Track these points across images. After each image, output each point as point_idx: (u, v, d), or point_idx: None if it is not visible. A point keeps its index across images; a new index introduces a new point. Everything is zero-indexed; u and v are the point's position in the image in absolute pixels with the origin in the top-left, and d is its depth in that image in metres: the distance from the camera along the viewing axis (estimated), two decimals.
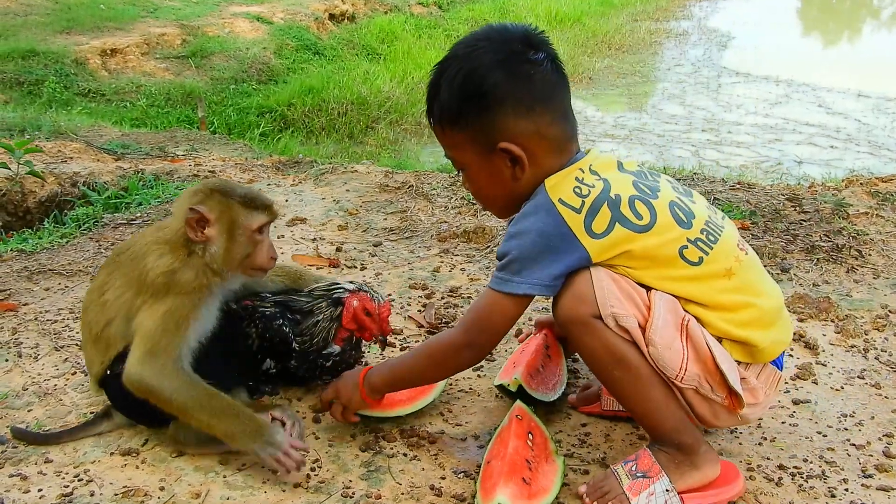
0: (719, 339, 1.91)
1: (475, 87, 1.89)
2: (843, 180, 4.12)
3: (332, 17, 13.94)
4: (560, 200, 1.87)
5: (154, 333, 2.03)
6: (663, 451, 1.94)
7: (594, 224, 1.85)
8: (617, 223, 1.86)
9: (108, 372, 2.15)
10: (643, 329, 1.85)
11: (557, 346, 2.50)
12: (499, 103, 1.89)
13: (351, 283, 2.40)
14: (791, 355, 2.62)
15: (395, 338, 2.74)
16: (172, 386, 2.01)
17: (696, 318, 1.90)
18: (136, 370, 2.02)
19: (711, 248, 1.92)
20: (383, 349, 2.52)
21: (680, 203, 1.97)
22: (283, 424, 2.21)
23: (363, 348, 2.53)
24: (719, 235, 1.96)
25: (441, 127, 1.99)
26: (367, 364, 2.52)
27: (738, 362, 1.93)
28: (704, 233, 1.94)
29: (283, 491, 2.03)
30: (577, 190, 1.88)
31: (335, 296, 2.36)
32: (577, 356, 2.60)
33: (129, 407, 2.18)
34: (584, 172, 1.92)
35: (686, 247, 1.90)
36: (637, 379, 1.88)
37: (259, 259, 2.16)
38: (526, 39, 1.92)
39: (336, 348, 2.35)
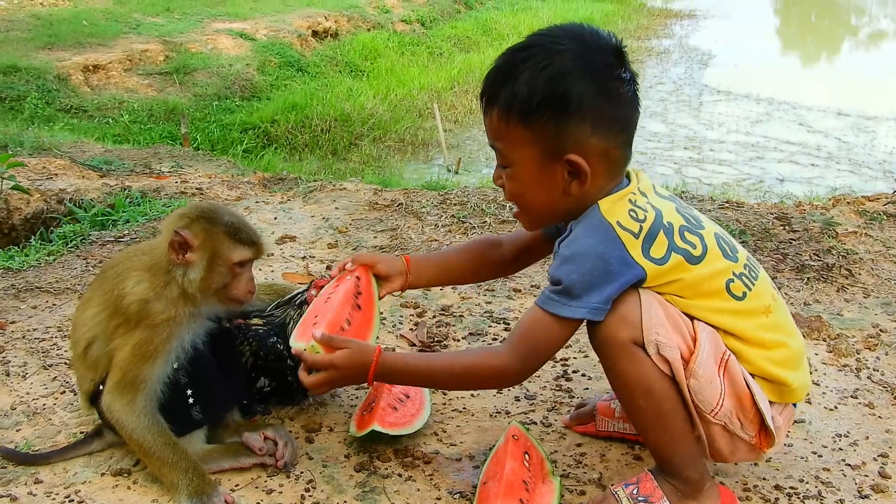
0: (753, 377, 1.88)
1: (562, 90, 1.78)
2: (830, 199, 4.14)
3: (315, 33, 13.98)
4: (618, 223, 1.81)
5: (125, 364, 2.04)
6: (668, 482, 1.92)
7: (652, 250, 1.81)
8: (673, 252, 1.82)
9: (101, 388, 2.13)
10: (686, 361, 1.81)
11: (371, 291, 2.24)
12: (580, 114, 1.79)
13: (307, 286, 2.39)
14: None
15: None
16: (133, 425, 2.04)
17: (735, 353, 1.87)
18: (107, 400, 2.07)
19: (754, 284, 1.91)
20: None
21: (723, 235, 1.95)
22: (276, 444, 2.20)
23: None
24: (759, 272, 1.96)
25: (505, 116, 1.84)
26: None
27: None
28: (747, 268, 1.92)
29: None
30: (632, 214, 1.83)
31: (298, 300, 2.35)
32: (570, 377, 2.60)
33: None
34: (636, 195, 1.87)
35: (732, 280, 1.88)
36: (660, 410, 1.85)
37: (236, 291, 2.12)
38: (619, 54, 1.84)
39: None
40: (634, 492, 1.91)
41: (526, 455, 2.11)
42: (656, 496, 1.89)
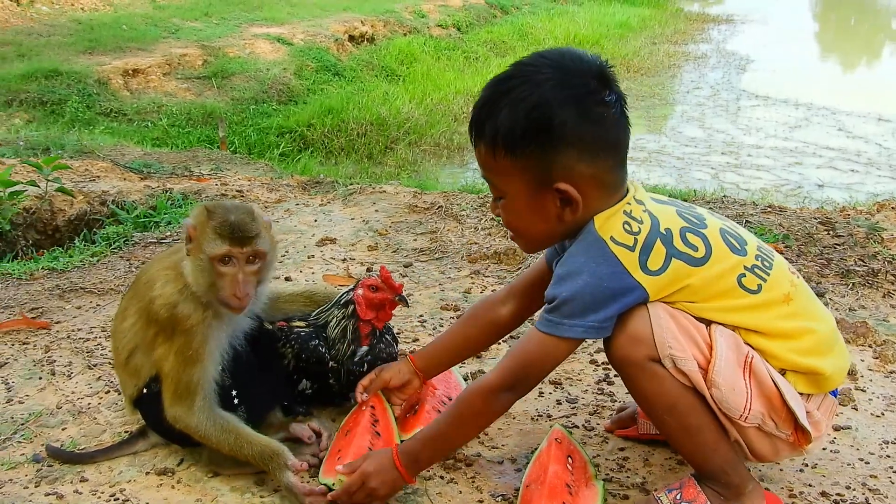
0: (782, 372, 1.85)
1: (543, 120, 1.77)
2: (874, 204, 4.09)
3: (351, 38, 14.00)
4: (612, 239, 1.80)
5: (173, 373, 2.06)
6: (710, 486, 1.90)
7: (649, 262, 1.79)
8: (673, 258, 1.80)
9: (145, 391, 2.15)
10: (704, 370, 1.79)
11: (388, 418, 2.27)
12: (565, 142, 1.78)
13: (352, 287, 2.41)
14: None
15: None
16: (201, 428, 2.07)
17: (758, 350, 1.84)
18: (170, 413, 2.09)
19: (768, 275, 1.87)
20: (407, 305, 2.41)
21: (729, 230, 1.92)
22: (319, 436, 2.23)
23: (396, 335, 2.53)
24: (773, 260, 1.92)
25: (491, 149, 1.84)
26: (403, 352, 2.60)
27: (801, 394, 1.87)
28: (759, 258, 1.89)
29: None
30: (626, 227, 1.82)
31: (343, 301, 2.36)
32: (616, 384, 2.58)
33: (164, 426, 2.16)
34: (630, 205, 1.85)
35: (744, 275, 1.84)
36: (687, 424, 1.83)
37: (221, 292, 2.05)
38: (601, 76, 1.82)
39: (364, 348, 2.34)
40: (678, 497, 1.90)
41: (569, 458, 2.10)
42: (699, 501, 1.87)
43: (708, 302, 1.83)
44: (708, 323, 1.83)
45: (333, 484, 2.01)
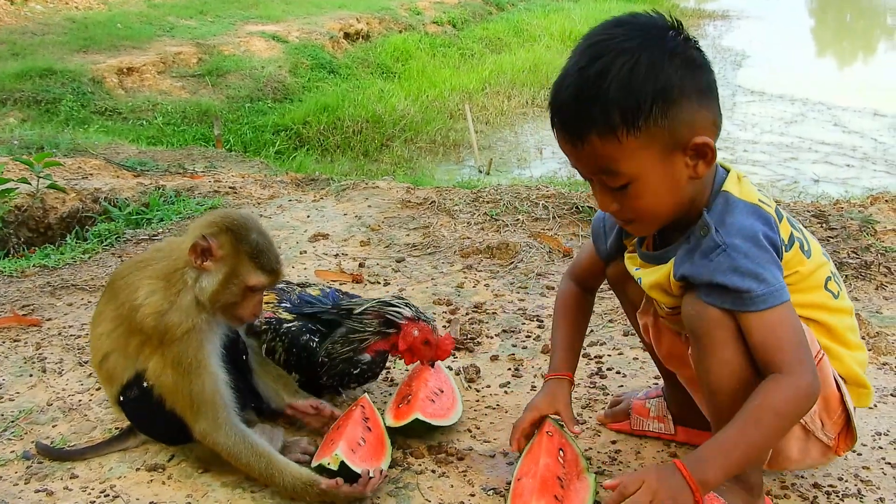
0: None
1: (659, 81, 1.65)
2: (868, 197, 4.09)
3: (347, 35, 14.01)
4: (760, 201, 1.74)
5: (181, 389, 2.03)
6: (722, 486, 1.81)
7: (781, 232, 1.75)
8: (795, 239, 1.77)
9: (122, 398, 2.13)
10: None
11: (376, 417, 2.26)
12: (684, 96, 1.67)
13: (407, 305, 2.35)
14: None
15: None
16: (232, 446, 2.03)
17: (826, 350, 1.82)
18: (197, 430, 2.05)
19: (841, 286, 1.88)
20: (433, 366, 2.39)
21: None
22: (317, 408, 2.27)
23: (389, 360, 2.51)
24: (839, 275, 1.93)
25: (611, 135, 1.68)
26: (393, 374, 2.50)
27: None
28: (833, 270, 1.89)
29: None
30: (761, 191, 1.78)
31: (388, 317, 2.31)
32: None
33: (148, 426, 2.17)
34: (748, 179, 1.80)
35: (830, 278, 1.84)
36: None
37: (242, 312, 2.08)
38: (676, 25, 1.73)
39: (367, 357, 2.33)
40: None
41: (560, 451, 2.09)
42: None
43: (799, 294, 1.78)
44: None
45: (329, 463, 2.00)
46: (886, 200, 3.96)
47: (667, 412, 2.26)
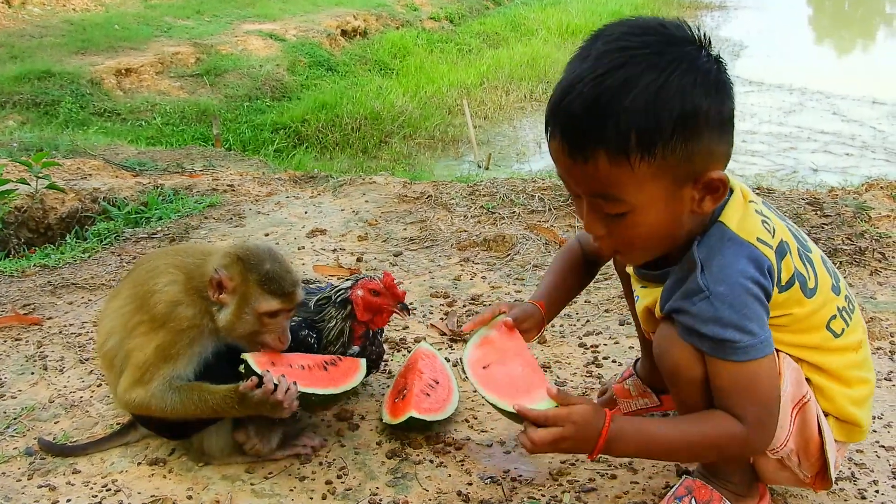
0: (826, 416, 1.75)
1: (689, 107, 1.49)
2: (863, 184, 4.10)
3: (344, 33, 14.02)
4: (758, 240, 1.62)
5: (143, 364, 2.04)
6: (713, 481, 1.83)
7: (781, 269, 1.64)
8: (796, 279, 1.64)
9: None
10: None
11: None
12: (708, 125, 1.52)
13: (346, 279, 2.36)
14: None
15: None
16: (160, 395, 2.03)
17: (816, 388, 1.73)
18: (124, 399, 2.07)
19: (851, 319, 1.76)
20: (410, 314, 2.37)
21: (826, 259, 1.78)
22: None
23: (383, 342, 2.49)
24: (855, 303, 1.81)
25: (623, 157, 1.50)
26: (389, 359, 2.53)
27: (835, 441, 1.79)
28: (847, 299, 1.77)
29: (311, 498, 2.03)
30: (766, 225, 1.65)
31: (339, 298, 2.31)
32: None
33: (147, 420, 2.18)
34: (755, 203, 1.68)
35: (835, 317, 1.71)
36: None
37: (267, 340, 2.09)
38: (707, 43, 1.58)
39: (355, 348, 2.32)
40: (692, 502, 1.81)
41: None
42: (716, 499, 1.81)
43: (790, 335, 1.69)
44: (778, 351, 1.67)
45: (241, 367, 2.05)
46: (881, 187, 3.97)
47: (644, 386, 2.25)
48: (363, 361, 2.24)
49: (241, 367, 2.05)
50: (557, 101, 1.55)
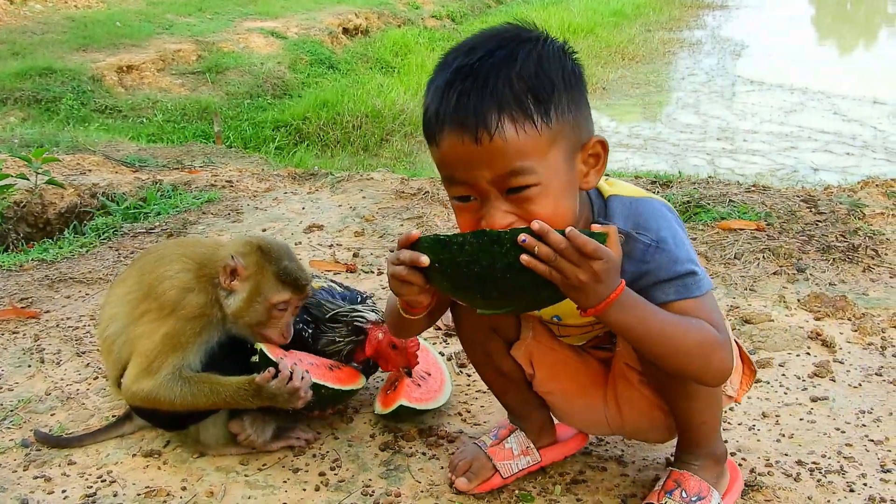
0: None
1: (563, 69, 1.53)
2: (858, 182, 4.11)
3: (345, 31, 14.01)
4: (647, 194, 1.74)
5: (150, 353, 2.06)
6: (696, 465, 1.87)
7: None
8: None
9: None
10: None
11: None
12: (584, 90, 1.56)
13: (373, 310, 2.33)
14: (808, 353, 2.62)
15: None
16: (169, 386, 2.05)
17: None
18: (132, 390, 2.08)
19: None
20: (410, 376, 2.36)
21: None
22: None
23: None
24: None
25: (525, 121, 1.47)
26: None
27: None
28: None
29: (304, 490, 2.04)
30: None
31: (356, 324, 2.30)
32: None
33: (147, 411, 2.19)
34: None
35: None
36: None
37: (270, 332, 2.14)
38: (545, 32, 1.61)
39: (354, 364, 2.34)
40: (684, 495, 1.84)
41: None
42: (704, 490, 1.85)
43: None
44: None
45: (254, 358, 2.12)
46: (877, 185, 3.98)
47: (528, 441, 2.09)
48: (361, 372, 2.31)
49: (256, 357, 2.10)
50: (438, 104, 1.53)
